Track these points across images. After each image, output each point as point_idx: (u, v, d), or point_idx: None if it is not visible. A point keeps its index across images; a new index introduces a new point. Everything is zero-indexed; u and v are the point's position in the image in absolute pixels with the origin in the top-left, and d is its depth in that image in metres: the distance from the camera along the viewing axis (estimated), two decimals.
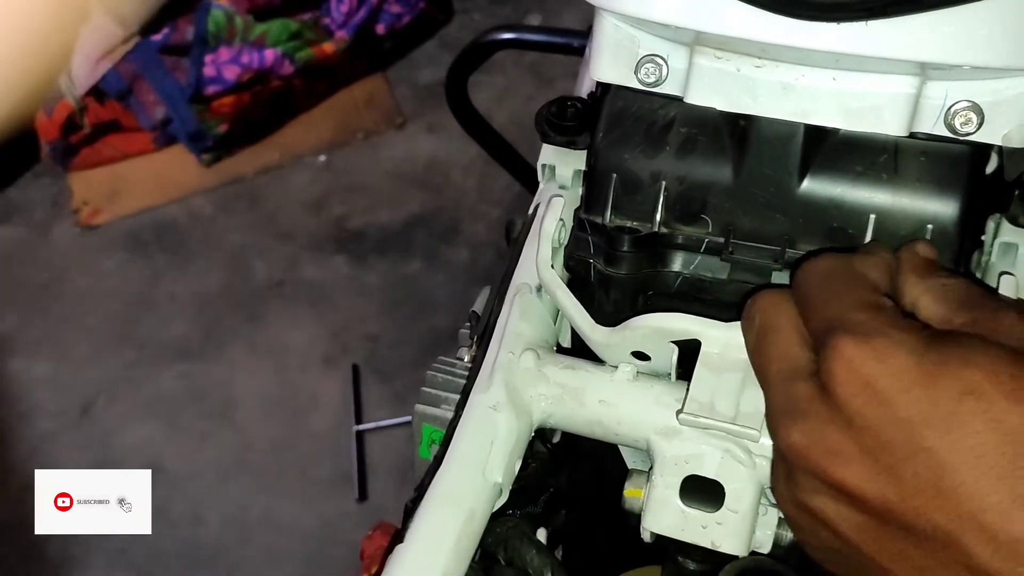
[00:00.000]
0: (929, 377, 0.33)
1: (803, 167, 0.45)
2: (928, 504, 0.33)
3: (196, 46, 1.92)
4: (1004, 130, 0.40)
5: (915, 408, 0.33)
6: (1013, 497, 0.31)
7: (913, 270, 0.40)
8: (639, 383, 0.46)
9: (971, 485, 0.32)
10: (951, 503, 0.32)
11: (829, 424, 0.35)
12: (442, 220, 1.93)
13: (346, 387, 1.68)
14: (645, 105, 0.47)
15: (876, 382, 0.34)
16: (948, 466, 0.32)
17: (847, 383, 0.34)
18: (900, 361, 0.34)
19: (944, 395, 0.33)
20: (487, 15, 2.26)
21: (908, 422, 0.33)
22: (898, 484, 0.33)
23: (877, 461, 0.34)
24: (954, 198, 0.43)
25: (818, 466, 0.36)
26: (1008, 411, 0.32)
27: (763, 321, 0.40)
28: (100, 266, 1.89)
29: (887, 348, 0.34)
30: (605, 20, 0.45)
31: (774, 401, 0.39)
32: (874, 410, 0.34)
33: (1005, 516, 0.31)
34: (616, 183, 0.48)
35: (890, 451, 0.34)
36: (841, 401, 0.35)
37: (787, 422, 0.37)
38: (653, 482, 0.45)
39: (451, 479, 0.44)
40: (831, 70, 0.40)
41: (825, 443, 0.35)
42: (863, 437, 0.34)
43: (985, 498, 0.32)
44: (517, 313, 0.50)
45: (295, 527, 1.53)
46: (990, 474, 0.32)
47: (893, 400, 0.33)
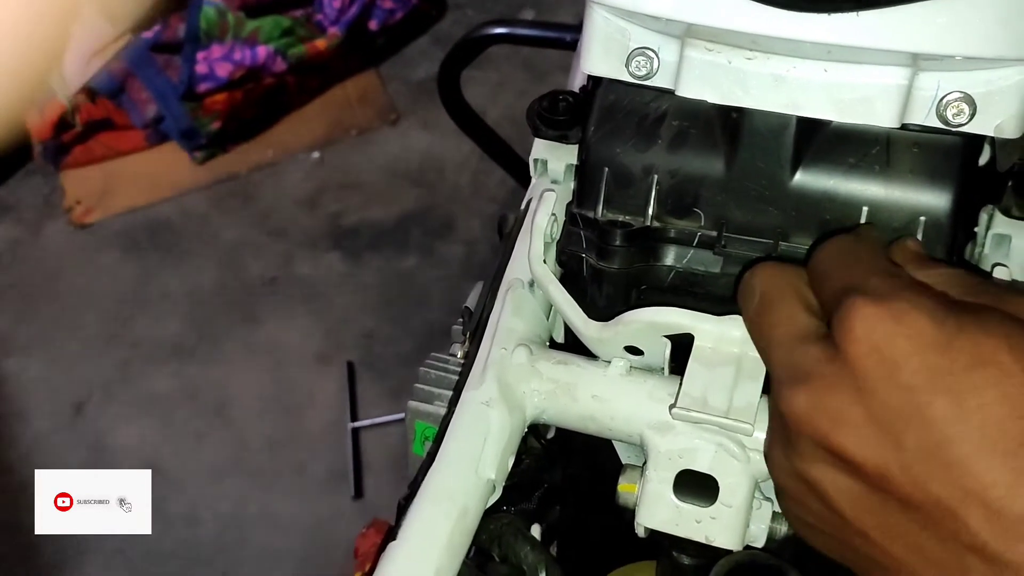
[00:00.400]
0: (945, 342, 0.32)
1: (795, 159, 0.44)
2: (929, 475, 0.32)
3: (188, 43, 1.91)
4: (996, 121, 0.40)
5: (926, 374, 0.32)
6: (1017, 474, 0.30)
7: (909, 261, 0.40)
8: (632, 378, 0.46)
9: (975, 459, 0.31)
10: (953, 475, 0.32)
11: (835, 387, 0.34)
12: (436, 216, 1.92)
13: (341, 384, 1.67)
14: (637, 98, 0.47)
15: (890, 344, 0.33)
16: (953, 437, 0.32)
17: (860, 342, 0.34)
18: (918, 324, 0.33)
19: (958, 362, 0.32)
20: (480, 10, 2.25)
21: (917, 388, 0.32)
22: (899, 452, 0.33)
23: (880, 427, 0.33)
24: (947, 190, 0.42)
25: (819, 431, 0.35)
26: (1020, 384, 0.31)
27: (765, 288, 0.39)
28: (93, 265, 1.88)
29: (905, 310, 0.33)
30: (596, 13, 0.44)
31: (777, 364, 0.38)
32: (884, 373, 0.33)
33: (1008, 493, 0.31)
34: (608, 177, 0.48)
35: (895, 417, 0.33)
36: (852, 361, 0.34)
37: (792, 385, 0.36)
38: (647, 477, 0.44)
39: (444, 476, 0.44)
40: (822, 62, 0.40)
41: (829, 407, 0.34)
42: (869, 401, 0.33)
43: (988, 473, 0.31)
44: (510, 309, 0.50)
45: (291, 525, 1.53)
46: (996, 449, 0.31)
47: (905, 364, 0.33)
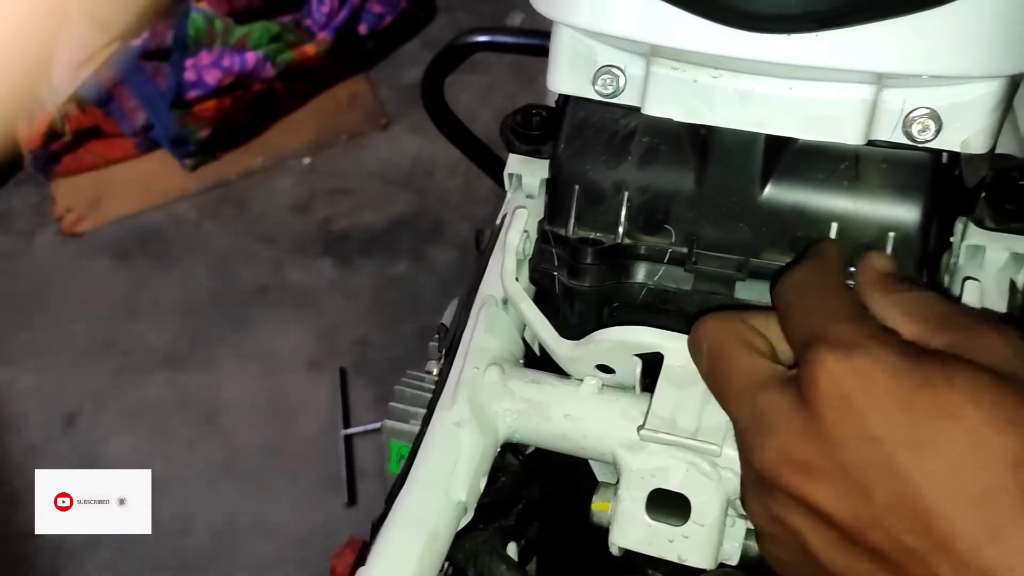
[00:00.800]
0: (909, 396, 0.33)
1: (765, 175, 0.44)
2: (899, 526, 0.32)
3: (176, 50, 1.91)
4: (963, 136, 0.40)
5: (892, 427, 0.32)
6: (984, 527, 0.31)
7: (874, 285, 0.39)
8: (604, 396, 0.46)
9: (943, 511, 0.31)
10: (922, 526, 0.32)
11: (803, 438, 0.34)
12: (427, 220, 1.92)
13: (333, 391, 1.67)
14: (607, 115, 0.47)
15: (855, 398, 0.33)
16: (921, 489, 0.32)
17: (826, 395, 0.34)
18: (881, 378, 0.33)
19: (922, 416, 0.32)
20: (470, 13, 2.25)
21: (884, 441, 0.33)
22: (870, 504, 0.33)
23: (849, 479, 0.33)
24: (915, 205, 0.42)
25: (791, 483, 0.35)
26: (987, 437, 0.31)
27: (712, 343, 0.39)
28: (84, 274, 1.88)
29: (869, 364, 0.33)
30: (562, 31, 0.44)
31: (741, 417, 0.38)
32: (850, 426, 0.33)
33: (975, 545, 0.31)
34: (579, 194, 0.47)
35: (863, 469, 0.33)
36: (818, 414, 0.34)
37: (759, 436, 0.36)
38: (619, 496, 0.44)
39: (414, 499, 0.44)
40: (787, 79, 0.40)
41: (799, 459, 0.35)
42: (837, 453, 0.33)
43: (956, 525, 0.31)
44: (482, 327, 0.50)
45: (285, 532, 1.53)
46: (963, 500, 0.31)
47: (870, 417, 0.33)
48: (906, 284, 0.39)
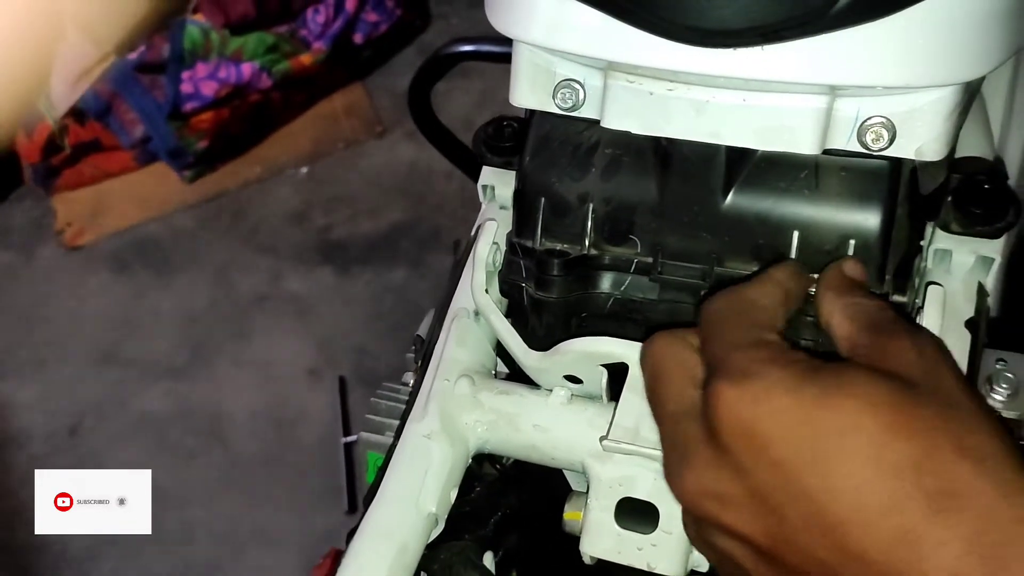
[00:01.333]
0: (807, 415, 0.33)
1: (726, 185, 0.44)
2: (812, 543, 0.33)
3: (173, 63, 1.92)
4: (916, 144, 0.40)
5: (794, 449, 0.33)
6: (894, 533, 0.31)
7: (830, 287, 0.40)
8: (572, 407, 0.47)
9: (853, 522, 0.32)
10: (834, 540, 0.32)
11: (714, 468, 0.35)
12: (425, 227, 1.93)
13: (333, 399, 1.68)
14: (570, 128, 0.47)
15: (755, 425, 0.34)
16: (829, 505, 0.32)
17: (727, 427, 0.34)
18: (777, 402, 0.33)
19: (822, 433, 0.33)
20: (465, 20, 2.26)
21: (787, 463, 0.33)
22: (783, 525, 0.33)
23: (762, 503, 0.34)
24: (874, 212, 0.43)
25: (709, 512, 0.36)
26: (886, 445, 0.32)
27: (653, 364, 0.40)
28: (85, 286, 1.89)
29: (764, 389, 0.34)
30: (521, 47, 0.45)
31: (665, 445, 0.39)
32: (755, 454, 0.34)
33: (886, 553, 0.31)
34: (545, 206, 0.48)
35: (773, 493, 0.33)
36: (724, 445, 0.35)
37: (676, 468, 0.37)
38: (589, 505, 0.45)
39: (384, 512, 0.44)
40: (741, 91, 0.40)
41: (712, 488, 0.35)
42: (747, 480, 0.34)
43: (866, 535, 0.31)
44: (454, 339, 0.51)
45: (286, 541, 1.53)
46: (871, 510, 0.31)
47: (772, 443, 0.33)
48: (860, 291, 0.39)
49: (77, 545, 1.54)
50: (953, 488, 0.31)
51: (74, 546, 1.54)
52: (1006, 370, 0.48)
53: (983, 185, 0.49)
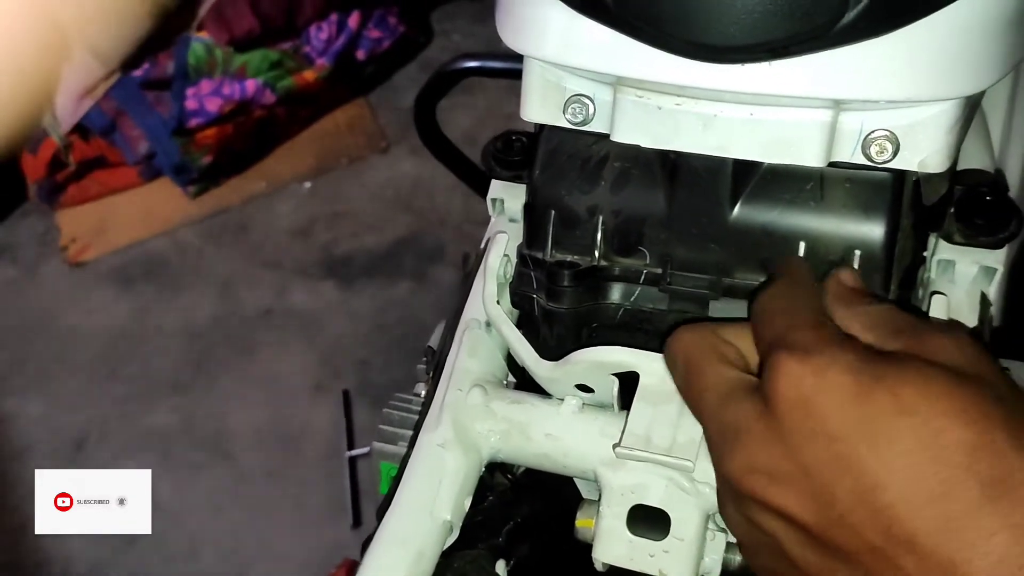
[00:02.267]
0: (864, 394, 0.33)
1: (733, 197, 0.45)
2: (862, 524, 0.33)
3: (177, 80, 1.94)
4: (920, 157, 0.41)
5: (849, 425, 0.33)
6: (943, 519, 0.31)
7: (839, 299, 0.41)
8: (584, 415, 0.47)
9: (902, 505, 0.32)
10: (883, 522, 0.32)
11: (767, 443, 0.36)
12: (428, 242, 1.94)
13: (337, 413, 1.68)
14: (580, 141, 0.48)
15: (813, 398, 0.34)
16: (880, 485, 0.33)
17: (786, 398, 0.35)
18: (837, 378, 0.34)
19: (878, 413, 0.33)
20: (467, 36, 2.28)
21: (842, 440, 0.33)
22: (833, 503, 0.34)
23: (812, 480, 0.34)
24: (878, 223, 0.43)
25: (757, 490, 0.36)
26: (941, 430, 0.32)
27: (686, 356, 0.40)
28: (90, 302, 1.90)
29: (826, 364, 0.34)
30: (532, 63, 0.46)
31: (712, 428, 0.39)
32: (810, 426, 0.34)
33: (934, 539, 0.31)
34: (555, 219, 0.49)
35: (824, 469, 0.34)
36: (780, 416, 0.35)
37: (726, 448, 0.37)
38: (601, 513, 0.45)
39: (400, 519, 0.45)
40: (748, 105, 0.41)
41: (763, 465, 0.36)
42: (799, 455, 0.34)
43: (915, 520, 0.32)
44: (466, 349, 0.51)
45: (291, 556, 1.53)
46: (921, 495, 0.32)
47: (828, 417, 0.34)
48: (868, 298, 0.40)
49: (80, 560, 1.55)
50: (1005, 477, 0.31)
51: (77, 561, 1.55)
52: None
53: (985, 197, 0.50)
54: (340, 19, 2.07)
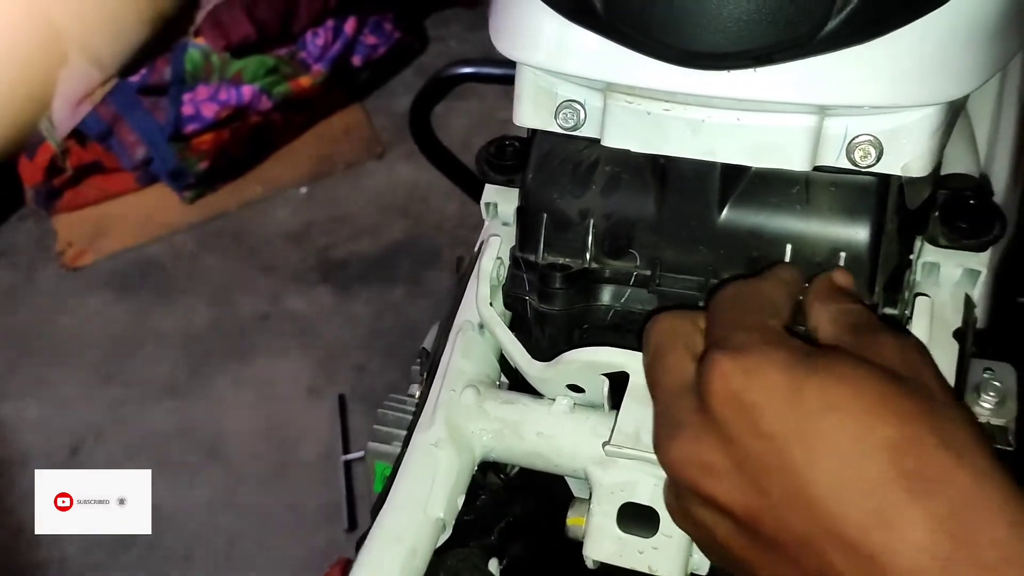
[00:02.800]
0: (796, 392, 0.34)
1: (721, 200, 0.46)
2: (792, 517, 0.34)
3: (174, 85, 1.95)
4: (903, 161, 0.42)
5: (781, 422, 0.34)
6: (871, 513, 0.32)
7: (818, 295, 0.42)
8: (575, 415, 0.48)
9: (832, 500, 0.33)
10: (814, 516, 0.33)
11: (703, 437, 0.37)
12: (424, 246, 1.94)
13: (333, 417, 1.69)
14: (571, 146, 0.49)
15: (745, 396, 0.35)
16: (810, 480, 0.33)
17: (719, 396, 0.36)
18: (769, 376, 0.35)
19: (808, 409, 0.34)
20: (462, 42, 2.29)
21: (774, 436, 0.34)
22: (764, 497, 0.35)
23: (745, 474, 0.35)
24: (863, 226, 0.44)
25: (692, 480, 0.37)
26: (871, 428, 0.33)
27: (656, 340, 0.41)
28: (86, 307, 1.90)
29: (758, 363, 0.35)
30: (524, 69, 0.47)
31: (659, 416, 0.40)
32: (743, 423, 0.35)
33: (863, 531, 0.32)
34: (547, 222, 0.50)
35: (757, 464, 0.35)
36: (714, 414, 0.36)
37: (666, 437, 0.39)
38: (591, 510, 0.46)
39: (393, 517, 0.46)
40: (735, 111, 0.42)
41: (699, 457, 0.37)
42: (733, 450, 0.35)
43: (844, 513, 0.33)
44: (459, 350, 0.52)
45: (286, 559, 1.54)
46: (851, 489, 0.33)
47: (760, 414, 0.35)
48: (846, 298, 0.41)
49: (75, 562, 1.55)
50: (930, 473, 0.32)
51: (72, 563, 1.55)
52: (993, 379, 0.50)
53: (969, 201, 0.51)
54: (336, 25, 2.08)
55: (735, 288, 0.41)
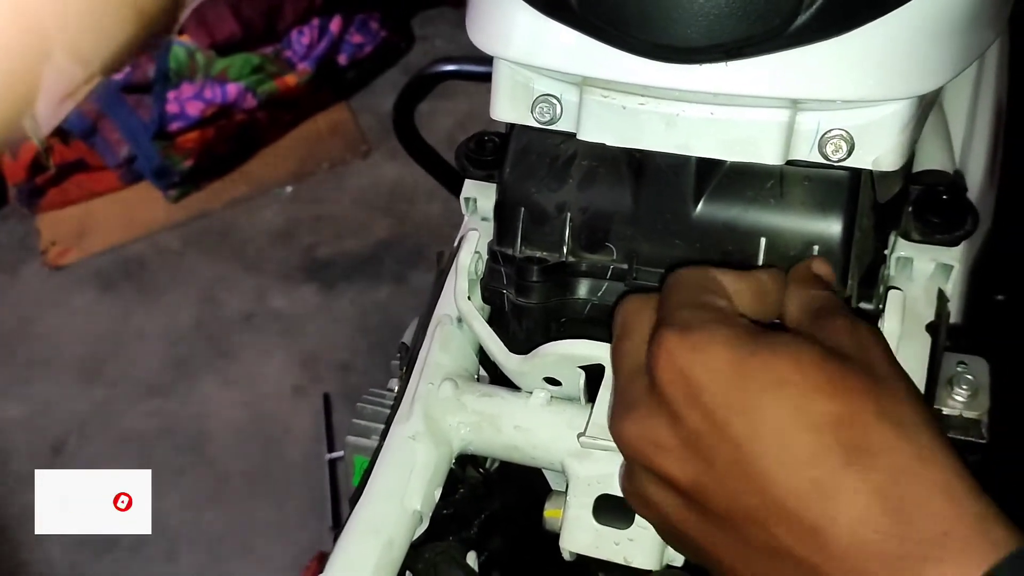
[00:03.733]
0: (740, 368, 0.35)
1: (697, 194, 0.47)
2: (737, 489, 0.35)
3: (158, 83, 1.94)
4: (873, 155, 0.42)
5: (725, 397, 0.35)
6: (810, 483, 0.33)
7: (795, 280, 0.42)
8: (552, 408, 0.48)
9: (775, 472, 0.34)
10: (757, 487, 0.34)
11: (654, 415, 0.37)
12: (409, 245, 1.94)
13: (318, 416, 1.69)
14: (548, 140, 0.49)
15: (691, 372, 0.36)
16: (754, 454, 0.34)
17: (665, 373, 0.36)
18: (715, 353, 0.36)
19: (752, 385, 0.35)
20: (449, 41, 2.29)
21: (718, 410, 0.35)
22: (711, 470, 0.35)
23: (693, 449, 0.36)
24: (835, 219, 0.45)
25: (644, 456, 0.38)
26: (812, 401, 0.34)
27: (621, 322, 0.42)
28: (69, 306, 1.89)
29: (704, 340, 0.36)
30: (501, 64, 0.47)
31: (616, 396, 0.41)
32: (689, 399, 0.36)
33: (804, 502, 0.33)
34: (524, 215, 0.50)
35: (703, 439, 0.35)
36: (661, 390, 0.37)
37: (619, 417, 0.39)
38: (568, 503, 0.47)
39: (370, 509, 0.46)
40: (708, 105, 0.42)
41: (650, 434, 0.37)
42: (680, 426, 0.36)
43: (786, 483, 0.33)
44: (438, 344, 0.52)
45: (270, 557, 1.54)
46: (792, 461, 0.33)
47: (705, 389, 0.35)
48: (818, 285, 0.42)
49: (59, 563, 1.54)
50: (870, 445, 0.33)
51: (56, 563, 1.54)
52: (966, 372, 0.50)
53: (942, 196, 0.52)
54: (322, 24, 2.07)
55: (688, 271, 0.42)
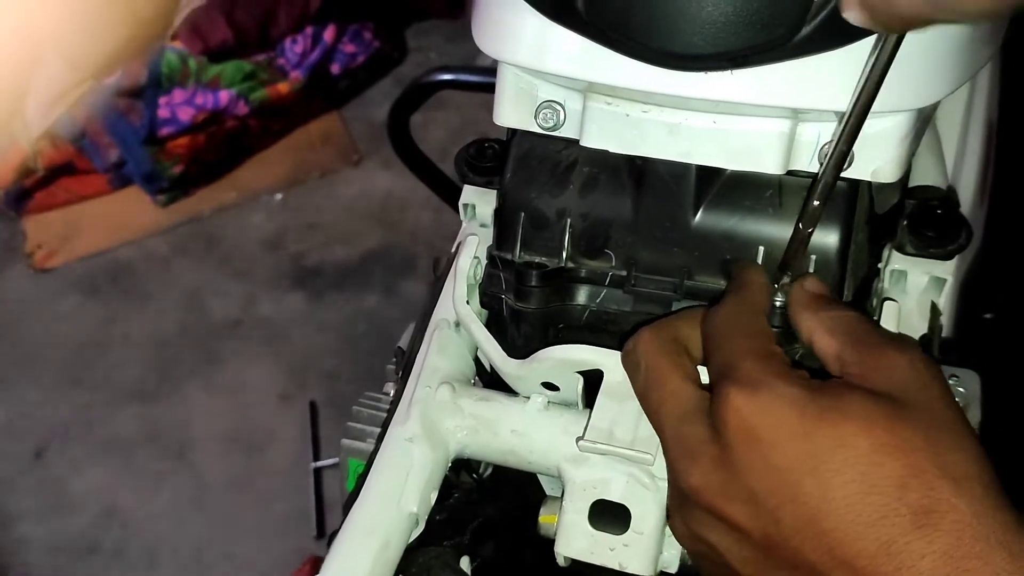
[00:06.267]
0: (808, 429, 0.36)
1: (696, 202, 0.47)
2: (805, 544, 0.36)
3: (150, 88, 1.94)
4: (872, 167, 0.43)
5: (794, 457, 0.36)
6: (879, 543, 0.34)
7: (803, 306, 0.43)
8: (549, 413, 0.48)
9: (842, 531, 0.35)
10: (825, 545, 0.35)
11: (720, 466, 0.38)
12: (399, 255, 1.94)
13: (304, 424, 1.68)
14: (550, 147, 0.50)
15: (760, 432, 0.37)
16: (822, 512, 0.35)
17: (735, 431, 0.37)
18: (783, 413, 0.37)
19: (820, 446, 0.36)
20: (442, 53, 2.30)
21: (788, 470, 0.36)
22: (779, 525, 0.36)
23: (761, 503, 0.37)
24: (833, 230, 0.45)
25: (712, 504, 0.39)
26: (877, 463, 0.35)
27: (648, 364, 0.42)
28: (54, 309, 1.88)
29: (772, 401, 0.37)
30: (506, 69, 0.47)
31: (669, 442, 0.41)
32: (758, 458, 0.37)
33: (871, 560, 0.34)
34: (524, 221, 0.50)
35: (772, 495, 0.37)
36: (730, 446, 0.38)
37: (684, 464, 0.40)
38: (564, 508, 0.47)
39: (367, 511, 0.46)
40: (711, 114, 0.43)
41: (717, 484, 0.38)
42: (749, 480, 0.37)
43: (854, 543, 0.35)
44: (435, 348, 0.52)
45: (253, 565, 1.52)
46: (859, 521, 0.35)
47: (775, 449, 0.36)
48: (832, 304, 0.42)
49: (39, 568, 1.53)
50: (933, 506, 0.34)
51: (36, 568, 1.53)
52: (958, 385, 0.51)
53: (936, 211, 0.53)
54: (315, 33, 2.08)
55: (726, 310, 0.42)
